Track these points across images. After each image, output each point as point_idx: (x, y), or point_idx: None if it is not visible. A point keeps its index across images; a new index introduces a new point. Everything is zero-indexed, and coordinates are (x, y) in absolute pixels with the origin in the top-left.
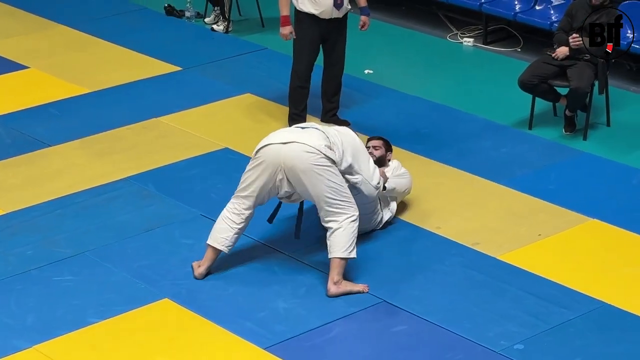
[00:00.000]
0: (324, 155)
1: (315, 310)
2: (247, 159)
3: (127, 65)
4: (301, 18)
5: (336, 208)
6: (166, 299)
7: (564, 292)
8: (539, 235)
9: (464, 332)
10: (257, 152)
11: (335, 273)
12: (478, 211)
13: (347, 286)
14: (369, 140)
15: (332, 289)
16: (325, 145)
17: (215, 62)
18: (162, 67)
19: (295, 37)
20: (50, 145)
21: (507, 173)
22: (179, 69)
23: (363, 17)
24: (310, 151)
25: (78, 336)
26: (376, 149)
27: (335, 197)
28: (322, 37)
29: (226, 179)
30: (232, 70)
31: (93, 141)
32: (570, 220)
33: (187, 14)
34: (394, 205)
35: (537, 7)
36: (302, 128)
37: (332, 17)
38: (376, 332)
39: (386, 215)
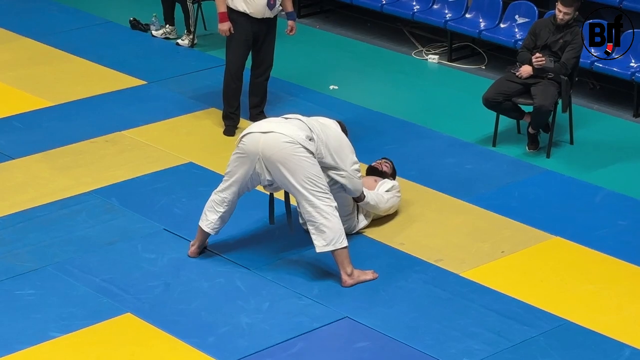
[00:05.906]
0: (301, 146)
1: (278, 326)
2: (211, 174)
3: (91, 79)
4: (234, 17)
5: (315, 198)
6: (128, 313)
7: (526, 309)
8: (502, 252)
9: (426, 348)
10: (240, 140)
11: (345, 264)
12: (441, 228)
13: (360, 276)
14: (383, 158)
15: (348, 280)
16: (306, 137)
17: (180, 77)
18: (126, 81)
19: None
20: (13, 158)
21: (471, 190)
22: (144, 82)
23: (290, 22)
24: (288, 141)
25: (39, 350)
26: (386, 165)
27: (313, 188)
28: (254, 36)
29: (190, 193)
30: (196, 85)
31: (57, 154)
32: (533, 237)
33: (153, 30)
34: (369, 216)
35: (502, 25)
36: (286, 118)
37: (265, 16)
38: (339, 348)
39: (361, 222)
